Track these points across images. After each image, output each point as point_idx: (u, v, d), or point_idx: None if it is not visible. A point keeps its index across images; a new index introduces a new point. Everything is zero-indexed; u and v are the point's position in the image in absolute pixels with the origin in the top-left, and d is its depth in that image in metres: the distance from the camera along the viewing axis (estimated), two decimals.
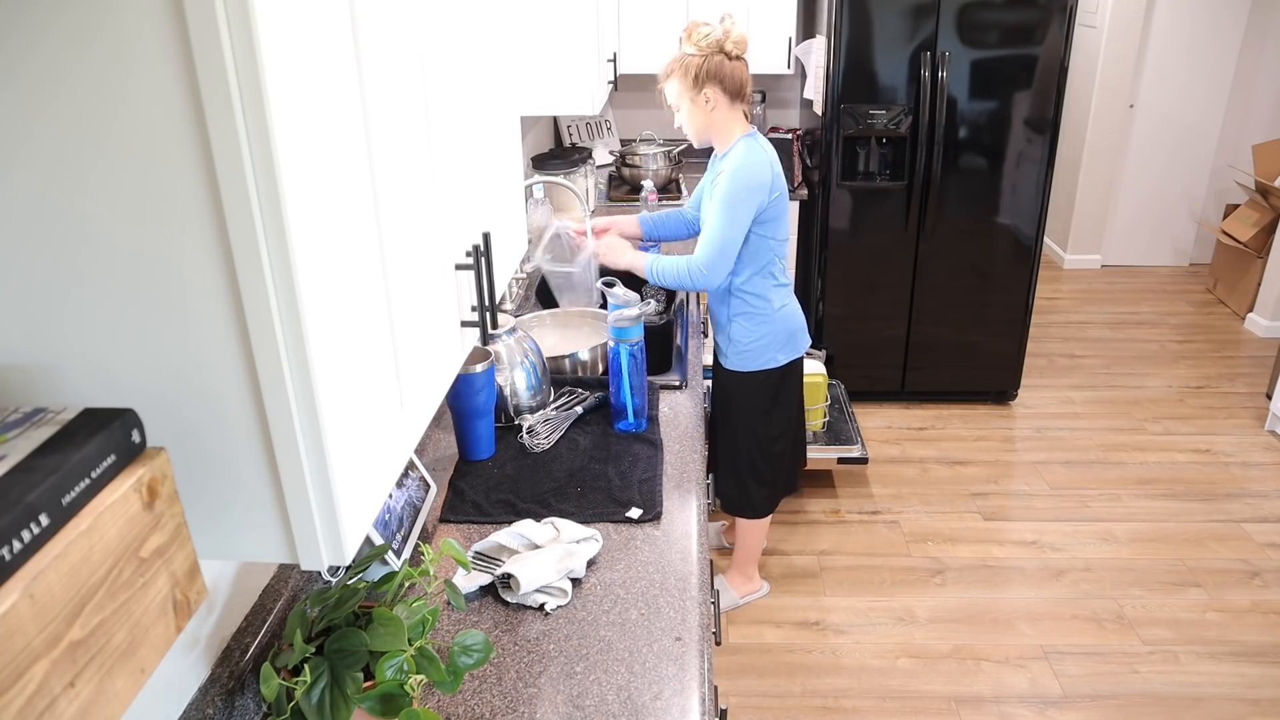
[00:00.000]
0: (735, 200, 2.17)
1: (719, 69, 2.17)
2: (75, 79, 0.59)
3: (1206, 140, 5.24)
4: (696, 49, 2.18)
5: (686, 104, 2.24)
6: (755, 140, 2.23)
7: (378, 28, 0.80)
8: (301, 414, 0.69)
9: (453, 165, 1.05)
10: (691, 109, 2.23)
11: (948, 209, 3.60)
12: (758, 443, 2.52)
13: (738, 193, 2.16)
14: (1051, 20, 3.32)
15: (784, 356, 2.41)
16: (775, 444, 2.54)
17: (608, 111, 4.18)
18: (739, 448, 2.54)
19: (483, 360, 1.78)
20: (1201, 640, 2.66)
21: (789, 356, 2.42)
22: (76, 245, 0.64)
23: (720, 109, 2.21)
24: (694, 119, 2.25)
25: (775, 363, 2.40)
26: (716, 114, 2.22)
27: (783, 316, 2.37)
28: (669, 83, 2.26)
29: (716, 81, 2.18)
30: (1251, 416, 3.86)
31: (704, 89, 2.18)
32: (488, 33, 1.22)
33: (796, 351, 2.44)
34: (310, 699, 1.05)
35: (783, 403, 2.49)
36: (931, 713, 2.42)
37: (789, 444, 2.59)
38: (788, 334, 2.39)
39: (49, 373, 0.68)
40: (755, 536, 2.71)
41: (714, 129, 2.25)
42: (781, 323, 2.37)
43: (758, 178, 2.17)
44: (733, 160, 2.20)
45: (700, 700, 1.24)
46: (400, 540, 1.51)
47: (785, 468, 2.62)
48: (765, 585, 2.85)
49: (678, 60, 2.22)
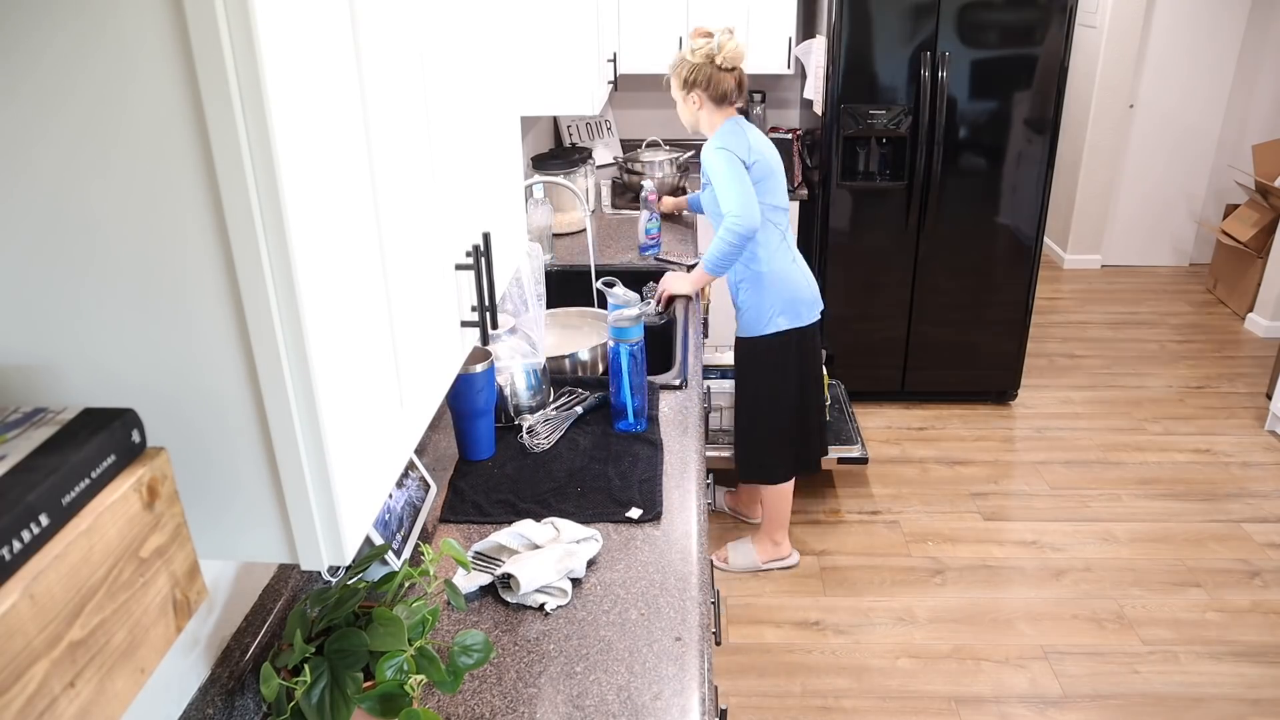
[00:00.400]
0: (718, 161, 2.42)
1: (708, 78, 2.47)
2: (80, 86, 0.60)
3: (1206, 140, 5.24)
4: (691, 55, 2.49)
5: (679, 99, 2.57)
6: (736, 123, 2.50)
7: (377, 28, 0.80)
8: (301, 414, 0.69)
9: (453, 165, 1.05)
10: (683, 105, 2.57)
11: (948, 209, 3.60)
12: (766, 408, 2.69)
13: (717, 156, 2.43)
14: (1051, 20, 3.32)
15: (785, 321, 2.57)
16: (784, 412, 2.69)
17: (608, 111, 4.18)
18: (750, 413, 2.73)
19: (483, 360, 1.78)
20: (1201, 640, 2.66)
21: (791, 323, 2.58)
22: (78, 246, 0.64)
23: (707, 109, 2.53)
24: (686, 114, 2.58)
25: (776, 327, 2.57)
26: (703, 112, 2.53)
27: (781, 281, 2.54)
28: (670, 78, 2.58)
29: (703, 88, 2.49)
30: (1251, 416, 3.86)
31: (692, 92, 2.51)
32: (488, 32, 1.22)
33: (799, 319, 2.59)
34: (310, 699, 1.05)
35: (789, 371, 2.64)
36: (931, 713, 2.42)
37: (801, 414, 2.73)
38: (786, 299, 2.55)
39: (49, 373, 0.68)
40: (779, 503, 2.84)
41: (702, 122, 2.56)
42: (777, 285, 2.54)
43: (734, 145, 2.44)
44: (709, 144, 2.50)
45: (700, 700, 1.24)
46: (400, 540, 1.51)
47: (798, 436, 2.76)
48: (795, 554, 2.96)
49: (675, 63, 2.55)
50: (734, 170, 2.41)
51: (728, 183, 2.40)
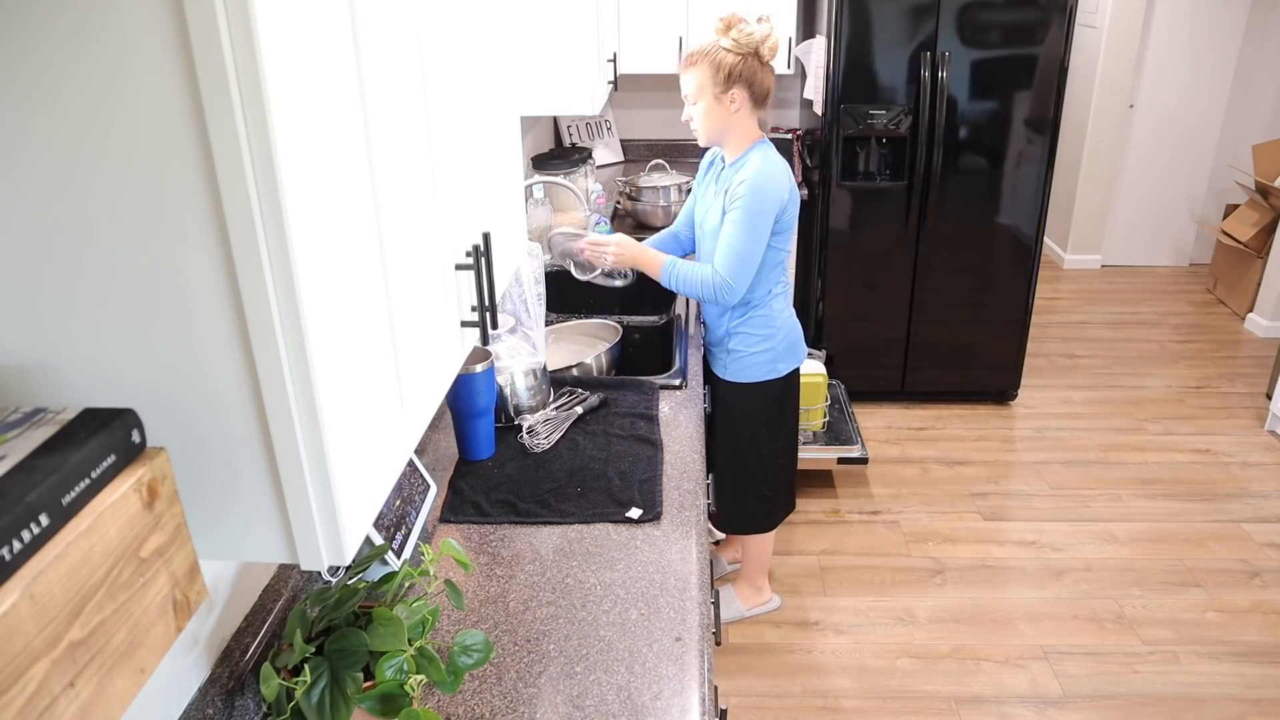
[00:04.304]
0: (758, 214, 2.08)
1: (752, 72, 2.07)
2: (76, 79, 0.59)
3: (1206, 140, 5.24)
4: (734, 45, 2.05)
5: (709, 100, 2.11)
6: (770, 149, 2.16)
7: (377, 28, 0.80)
8: (301, 414, 0.69)
9: (453, 165, 1.05)
10: (714, 106, 2.11)
11: (948, 209, 3.60)
12: (761, 458, 2.45)
13: (761, 205, 2.08)
14: (1051, 20, 3.32)
15: (785, 366, 2.35)
16: (778, 457, 2.48)
17: (608, 111, 4.19)
18: (742, 463, 2.46)
19: (483, 360, 1.78)
20: (1201, 640, 2.66)
21: (790, 366, 2.37)
22: (77, 245, 0.64)
23: (743, 113, 2.12)
24: (712, 117, 2.13)
25: (778, 373, 2.35)
26: (738, 117, 2.12)
27: (785, 326, 2.33)
28: (692, 73, 2.11)
29: (746, 84, 2.08)
30: (1251, 416, 3.86)
31: (732, 89, 2.08)
32: (487, 33, 1.22)
33: (797, 360, 2.39)
34: (310, 699, 1.05)
35: (787, 414, 2.44)
36: (931, 713, 2.42)
37: (791, 456, 2.54)
38: (790, 344, 2.35)
39: (49, 373, 0.68)
40: (762, 549, 2.66)
41: (730, 132, 2.15)
42: (785, 332, 2.33)
43: (777, 190, 2.10)
44: (751, 170, 2.10)
45: (700, 700, 1.24)
46: (400, 540, 1.51)
47: (786, 482, 2.56)
48: (776, 599, 2.78)
49: (709, 52, 2.07)
50: (762, 228, 2.10)
51: (747, 237, 2.09)
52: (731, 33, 2.06)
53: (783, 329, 2.32)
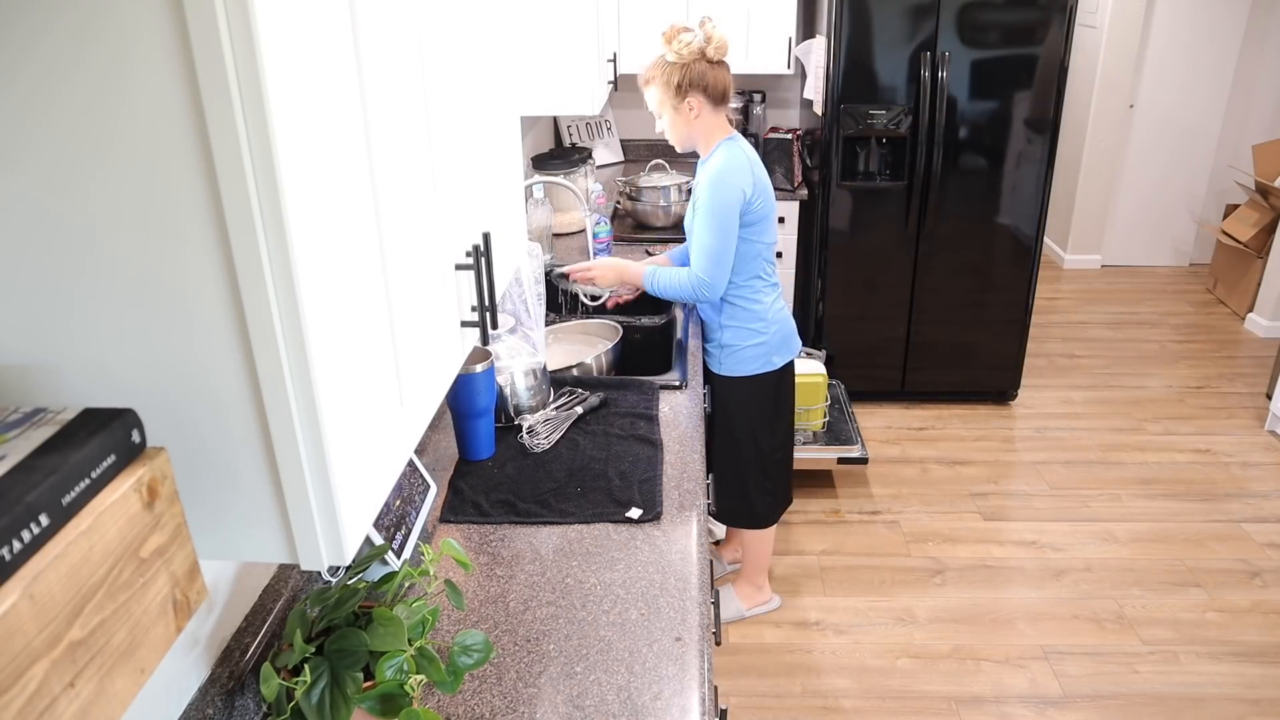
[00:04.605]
0: (720, 209, 2.14)
1: (701, 76, 2.14)
2: (76, 80, 0.59)
3: (1206, 140, 5.24)
4: (677, 57, 2.14)
5: (669, 112, 2.21)
6: (734, 144, 2.20)
7: (377, 28, 0.80)
8: (301, 414, 0.69)
9: (453, 165, 1.05)
10: (674, 117, 2.21)
11: (947, 209, 3.60)
12: (759, 450, 2.48)
13: (723, 200, 2.14)
14: (1051, 20, 3.32)
15: (780, 359, 2.38)
16: (777, 450, 2.51)
17: (608, 111, 4.19)
18: (741, 456, 2.49)
19: (483, 360, 1.78)
20: (1201, 640, 2.66)
21: (784, 359, 2.40)
22: (78, 246, 0.64)
23: (704, 116, 2.19)
24: (677, 127, 2.23)
25: (772, 365, 2.37)
26: (700, 121, 2.20)
27: (777, 319, 2.35)
28: (649, 90, 2.22)
29: (700, 89, 2.15)
30: (1251, 416, 3.86)
31: (687, 97, 2.16)
32: (487, 33, 1.22)
33: (791, 353, 2.41)
34: (310, 699, 1.05)
35: (783, 408, 2.47)
36: (931, 713, 2.42)
37: (788, 449, 2.57)
38: (782, 337, 2.37)
39: (49, 373, 0.68)
40: (762, 546, 2.67)
41: (697, 136, 2.23)
42: (777, 325, 2.35)
43: (735, 183, 2.14)
44: (712, 169, 2.17)
45: (700, 700, 1.24)
46: (400, 540, 1.51)
47: (785, 475, 2.59)
48: (776, 598, 2.79)
49: (658, 68, 2.18)
50: (727, 222, 2.15)
51: (713, 234, 2.15)
52: (673, 45, 2.14)
53: (774, 322, 2.35)
